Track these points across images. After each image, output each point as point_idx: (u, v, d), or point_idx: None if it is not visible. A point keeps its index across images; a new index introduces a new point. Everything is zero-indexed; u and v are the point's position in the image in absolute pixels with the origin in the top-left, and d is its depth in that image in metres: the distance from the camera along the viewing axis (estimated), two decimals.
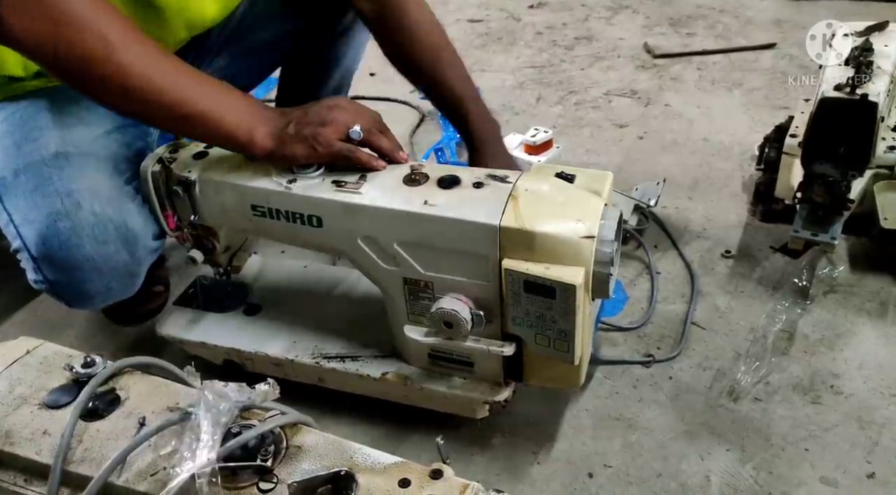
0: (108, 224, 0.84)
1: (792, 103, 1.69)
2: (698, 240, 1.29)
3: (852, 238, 1.24)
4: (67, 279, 0.85)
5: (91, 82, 0.75)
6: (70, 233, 0.82)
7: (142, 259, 0.90)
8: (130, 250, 0.87)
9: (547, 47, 2.13)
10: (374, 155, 0.84)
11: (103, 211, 0.83)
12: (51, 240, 0.82)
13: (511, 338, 0.82)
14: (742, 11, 2.26)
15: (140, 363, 0.70)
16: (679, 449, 0.93)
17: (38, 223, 0.82)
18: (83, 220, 0.82)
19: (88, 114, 0.88)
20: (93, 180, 0.84)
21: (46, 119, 0.86)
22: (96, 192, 0.83)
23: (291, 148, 0.81)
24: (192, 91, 0.79)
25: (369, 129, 0.82)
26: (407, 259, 0.81)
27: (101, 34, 0.72)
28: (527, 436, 0.95)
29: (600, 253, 0.75)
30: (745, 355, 1.05)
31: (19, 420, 0.65)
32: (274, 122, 0.82)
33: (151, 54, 0.76)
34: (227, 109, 0.80)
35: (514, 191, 0.78)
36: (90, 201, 0.83)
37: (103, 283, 0.87)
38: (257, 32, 1.09)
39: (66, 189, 0.82)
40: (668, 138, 1.62)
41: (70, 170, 0.83)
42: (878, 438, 0.92)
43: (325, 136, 0.80)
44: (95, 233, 0.83)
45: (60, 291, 0.87)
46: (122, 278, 0.88)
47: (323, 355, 0.95)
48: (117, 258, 0.86)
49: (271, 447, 0.60)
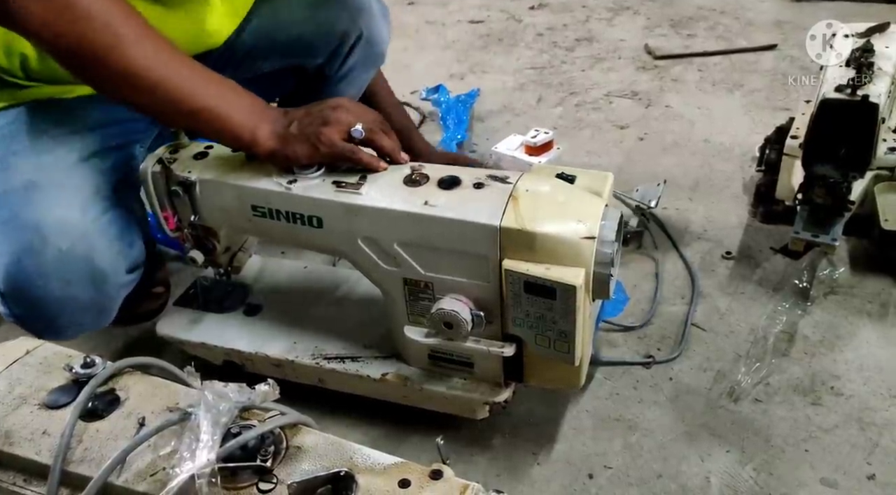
0: (74, 263, 0.81)
1: (793, 104, 1.69)
2: (699, 241, 1.29)
3: (853, 239, 1.24)
4: (35, 315, 0.83)
5: (101, 75, 0.76)
6: (35, 273, 0.80)
7: (111, 295, 0.87)
8: (98, 288, 0.84)
9: (548, 48, 2.13)
10: (376, 155, 0.84)
11: (70, 248, 0.81)
12: (17, 277, 0.80)
13: (511, 338, 0.82)
14: (743, 13, 2.26)
15: (140, 363, 0.70)
16: (679, 450, 0.93)
17: (6, 257, 0.80)
18: (49, 258, 0.80)
19: (70, 136, 0.87)
20: (62, 214, 0.81)
21: (24, 144, 0.84)
22: (63, 228, 0.81)
23: (293, 147, 0.81)
24: (200, 88, 0.79)
25: (371, 129, 0.82)
26: (407, 259, 0.81)
27: (113, 28, 0.73)
28: (527, 437, 0.95)
29: (601, 253, 0.75)
30: (745, 356, 1.05)
31: (19, 420, 0.65)
32: (277, 121, 0.82)
33: (162, 49, 0.77)
34: (234, 108, 0.80)
35: (514, 192, 0.78)
36: (56, 238, 0.80)
37: (72, 319, 0.85)
38: (258, 62, 1.08)
39: (33, 222, 0.80)
40: (669, 139, 1.62)
41: (39, 202, 0.81)
42: (879, 440, 0.92)
43: (328, 136, 0.80)
44: (61, 274, 0.81)
45: (29, 326, 0.84)
46: (91, 315, 0.86)
47: (323, 356, 0.95)
48: (83, 297, 0.83)
49: (271, 447, 0.60)
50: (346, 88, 1.16)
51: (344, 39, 1.09)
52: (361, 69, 1.15)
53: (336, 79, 1.14)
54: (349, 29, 1.08)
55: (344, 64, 1.12)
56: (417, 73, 2.03)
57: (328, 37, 1.08)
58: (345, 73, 1.14)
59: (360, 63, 1.14)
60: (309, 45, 1.09)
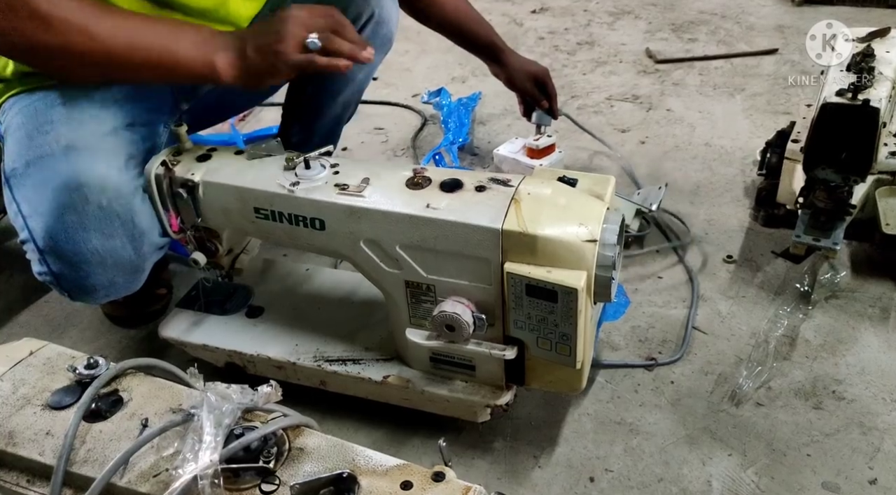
0: (115, 219, 0.85)
1: (793, 108, 1.69)
2: (700, 244, 1.29)
3: (854, 243, 1.24)
4: (72, 272, 0.86)
5: (38, 56, 0.77)
6: (77, 227, 0.83)
7: (147, 255, 0.90)
8: (136, 246, 0.87)
9: (549, 52, 2.14)
10: (335, 59, 0.84)
11: (110, 205, 0.84)
12: (57, 233, 0.83)
13: (513, 341, 0.82)
14: (744, 17, 2.27)
15: (143, 364, 0.70)
16: (680, 453, 0.93)
17: (46, 215, 0.83)
18: (90, 214, 0.83)
19: (100, 110, 0.89)
20: (101, 175, 0.84)
21: (59, 113, 0.86)
22: (104, 187, 0.84)
23: (256, 74, 0.82)
24: (141, 36, 0.80)
25: (326, 36, 0.82)
26: (409, 262, 0.81)
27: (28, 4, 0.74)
28: (528, 440, 0.96)
29: (602, 256, 0.75)
30: (746, 360, 1.05)
31: (23, 421, 0.65)
32: (231, 47, 0.83)
33: (86, 9, 0.77)
34: (182, 46, 0.81)
35: (516, 195, 0.78)
36: (98, 195, 0.83)
37: (107, 277, 0.88)
38: None
39: (74, 182, 0.83)
40: (670, 143, 1.62)
41: (79, 164, 0.83)
42: (880, 444, 0.92)
43: (284, 53, 0.81)
44: (102, 227, 0.84)
45: (64, 284, 0.87)
46: (126, 273, 0.89)
47: (325, 358, 0.95)
48: (122, 253, 0.87)
49: (273, 449, 0.60)
50: (354, 69, 1.18)
51: (356, 18, 1.11)
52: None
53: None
54: (361, 7, 1.11)
55: None
56: (419, 76, 2.04)
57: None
58: None
59: (370, 42, 1.15)
60: None
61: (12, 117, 0.87)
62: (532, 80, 1.35)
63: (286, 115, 1.28)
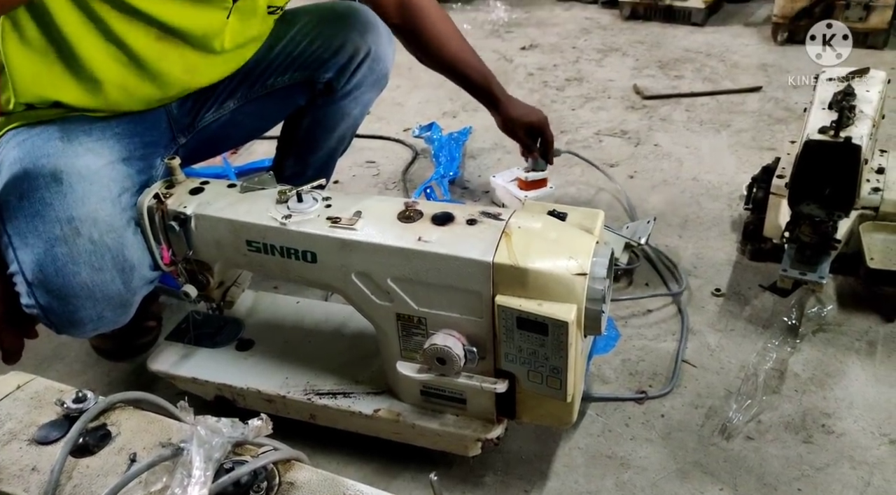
0: (106, 252, 0.85)
1: (778, 144, 1.72)
2: (688, 278, 1.30)
3: (840, 277, 1.26)
4: (60, 305, 0.86)
5: None
6: (66, 260, 0.83)
7: (136, 289, 0.90)
8: (125, 279, 0.88)
9: (538, 88, 2.17)
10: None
11: (101, 238, 0.85)
12: (47, 266, 0.83)
13: (504, 374, 0.82)
14: (728, 56, 2.32)
15: (132, 398, 0.69)
16: (672, 488, 0.92)
17: (36, 248, 0.83)
18: (81, 247, 0.84)
19: (97, 144, 0.90)
20: (93, 208, 0.85)
21: (56, 147, 0.87)
22: (95, 220, 0.85)
23: None
24: None
25: None
26: (400, 294, 0.82)
27: None
28: (519, 474, 0.95)
29: (592, 290, 0.76)
30: (736, 393, 1.05)
31: (8, 456, 0.64)
32: None
33: None
34: None
35: (506, 229, 0.79)
36: (89, 228, 0.84)
37: (96, 311, 0.87)
38: (271, 79, 1.13)
39: (66, 215, 0.83)
40: (658, 177, 1.65)
41: (72, 197, 0.84)
42: (870, 478, 0.92)
43: None
44: (92, 261, 0.84)
45: (52, 317, 0.87)
46: (114, 307, 0.89)
47: (315, 391, 0.95)
48: (111, 286, 0.87)
49: (264, 483, 0.60)
50: (350, 104, 1.22)
51: (354, 55, 1.15)
52: (366, 86, 1.21)
53: (343, 94, 1.19)
54: (359, 45, 1.15)
55: (351, 79, 1.18)
56: (411, 110, 2.06)
57: (339, 51, 1.14)
58: (351, 89, 1.19)
59: (366, 79, 1.19)
60: (321, 60, 1.14)
61: (9, 150, 0.88)
62: (527, 128, 1.33)
63: (281, 148, 1.29)
